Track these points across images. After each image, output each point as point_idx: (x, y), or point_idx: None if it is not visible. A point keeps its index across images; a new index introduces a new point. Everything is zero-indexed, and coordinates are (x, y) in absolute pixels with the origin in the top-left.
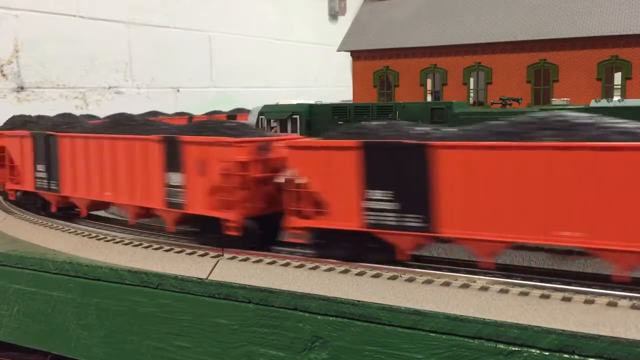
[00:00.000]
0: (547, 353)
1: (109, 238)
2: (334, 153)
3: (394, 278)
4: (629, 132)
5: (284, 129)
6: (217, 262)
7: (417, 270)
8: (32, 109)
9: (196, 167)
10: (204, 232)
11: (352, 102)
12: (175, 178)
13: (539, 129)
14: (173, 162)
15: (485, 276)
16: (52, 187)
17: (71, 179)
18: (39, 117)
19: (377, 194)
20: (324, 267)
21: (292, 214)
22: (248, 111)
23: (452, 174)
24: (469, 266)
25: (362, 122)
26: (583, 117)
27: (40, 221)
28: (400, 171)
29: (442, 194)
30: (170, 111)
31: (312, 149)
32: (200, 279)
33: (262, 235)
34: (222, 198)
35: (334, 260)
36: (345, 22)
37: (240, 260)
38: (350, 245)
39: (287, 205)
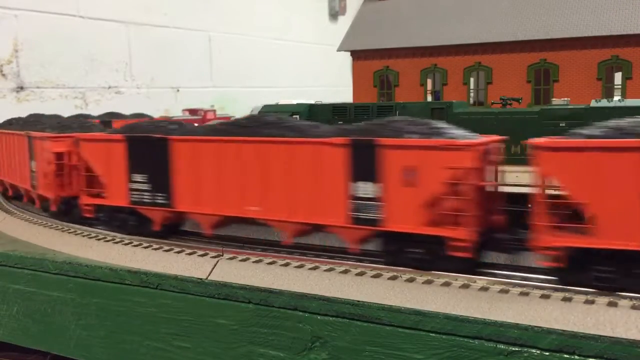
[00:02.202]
0: (547, 353)
1: (109, 238)
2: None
3: (394, 278)
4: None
5: None
6: (217, 262)
7: (417, 270)
8: (31, 109)
9: (402, 175)
10: (403, 253)
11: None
12: (367, 189)
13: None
14: (364, 169)
15: (484, 276)
16: (158, 201)
17: (191, 192)
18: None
19: None
20: (324, 267)
21: (542, 231)
22: (142, 116)
23: None
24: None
25: None
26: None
27: (40, 221)
28: None
29: None
30: (171, 112)
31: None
32: (200, 279)
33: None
34: (446, 212)
35: (334, 261)
36: (345, 22)
37: (240, 261)
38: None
39: (537, 219)
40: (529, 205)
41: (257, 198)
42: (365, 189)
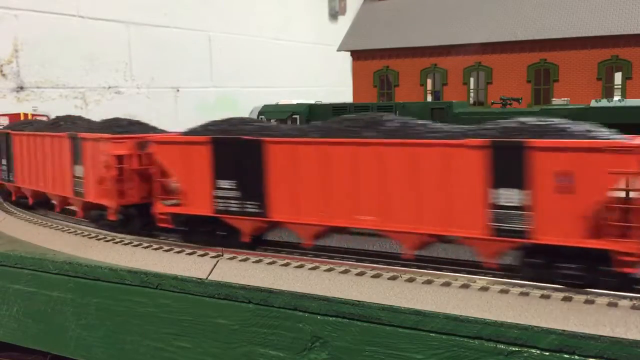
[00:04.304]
0: (547, 353)
1: (109, 238)
2: None
3: (394, 278)
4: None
5: None
6: (217, 262)
7: (417, 270)
8: (29, 109)
9: (555, 181)
10: (554, 268)
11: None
12: (512, 196)
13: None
14: (508, 175)
15: (484, 276)
16: (249, 210)
17: (289, 199)
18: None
19: None
20: (324, 267)
21: None
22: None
23: None
24: (470, 266)
25: None
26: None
27: (40, 221)
28: None
29: None
30: (171, 112)
31: None
32: (200, 279)
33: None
34: (611, 223)
35: (334, 261)
36: (345, 22)
37: (240, 260)
38: None
39: None
40: None
41: (373, 206)
42: (510, 196)
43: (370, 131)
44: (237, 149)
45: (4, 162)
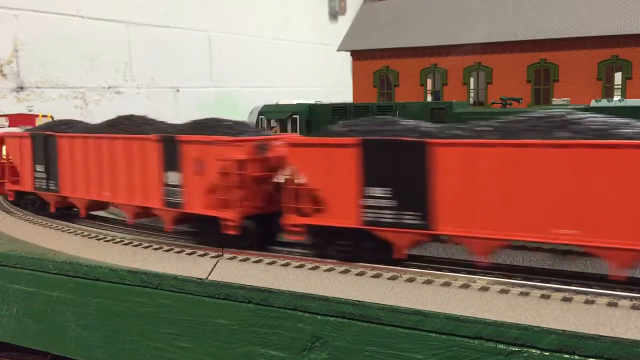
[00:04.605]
0: (547, 353)
1: (108, 238)
2: None
3: (394, 278)
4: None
5: (283, 129)
6: (217, 262)
7: (417, 270)
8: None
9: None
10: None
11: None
12: None
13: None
14: None
15: (485, 276)
16: (407, 222)
17: (463, 210)
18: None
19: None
20: (324, 267)
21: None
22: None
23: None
24: (469, 266)
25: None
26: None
27: (40, 221)
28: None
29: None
30: (170, 112)
31: None
32: (200, 279)
33: None
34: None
35: (334, 261)
36: (345, 22)
37: (240, 260)
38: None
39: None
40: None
41: (574, 219)
42: None
43: (564, 131)
44: (394, 152)
45: (39, 168)
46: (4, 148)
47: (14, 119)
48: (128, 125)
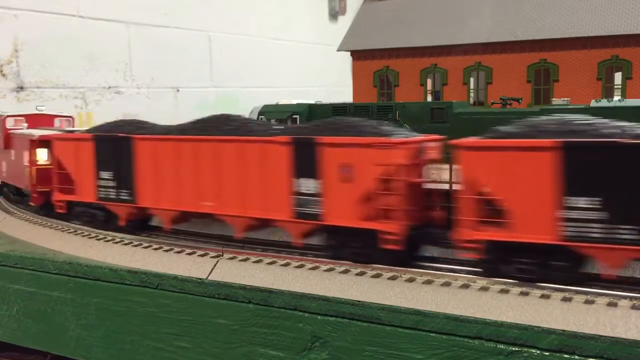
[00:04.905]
0: (547, 353)
1: (108, 238)
2: None
3: (394, 278)
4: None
5: None
6: (217, 262)
7: (417, 270)
8: (31, 109)
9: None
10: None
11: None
12: None
13: None
14: None
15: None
16: (623, 237)
17: None
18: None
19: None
20: (324, 267)
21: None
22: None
23: None
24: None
25: None
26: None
27: (40, 221)
28: None
29: None
30: (171, 112)
31: None
32: (200, 279)
33: None
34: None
35: (333, 260)
36: (345, 22)
37: (240, 260)
38: None
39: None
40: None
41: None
42: None
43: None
44: (602, 156)
45: (105, 175)
46: (40, 152)
47: (32, 120)
48: (221, 127)
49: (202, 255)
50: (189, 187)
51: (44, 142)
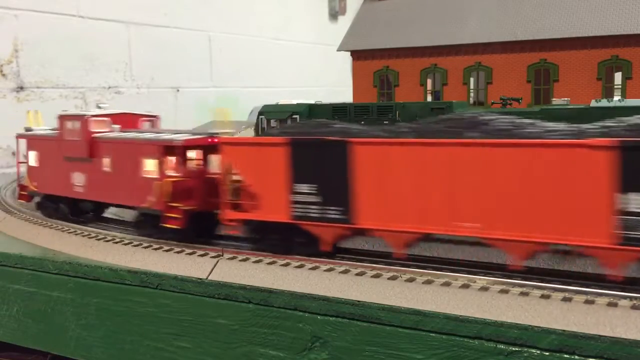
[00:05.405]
0: (547, 353)
1: (108, 238)
2: None
3: (394, 278)
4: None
5: None
6: (217, 262)
7: (417, 270)
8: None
9: None
10: None
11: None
12: None
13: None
14: None
15: (485, 276)
16: None
17: None
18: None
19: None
20: (324, 267)
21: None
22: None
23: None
24: (469, 266)
25: None
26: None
27: (40, 221)
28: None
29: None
30: (171, 112)
31: None
32: (200, 279)
33: None
34: None
35: (334, 261)
36: (345, 22)
37: (240, 260)
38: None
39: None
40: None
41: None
42: None
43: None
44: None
45: (303, 189)
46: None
47: (117, 120)
48: (475, 128)
49: (202, 255)
50: (437, 204)
51: (191, 149)
